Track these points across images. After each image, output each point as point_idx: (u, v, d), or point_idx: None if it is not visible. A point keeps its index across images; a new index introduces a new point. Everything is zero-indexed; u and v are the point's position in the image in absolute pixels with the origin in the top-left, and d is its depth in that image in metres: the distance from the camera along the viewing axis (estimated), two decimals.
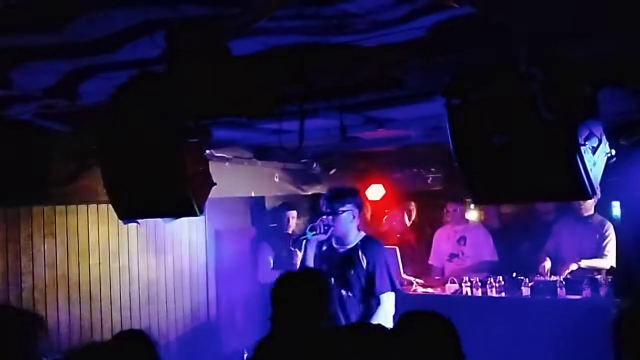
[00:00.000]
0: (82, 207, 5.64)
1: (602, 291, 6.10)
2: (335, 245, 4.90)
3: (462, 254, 7.32)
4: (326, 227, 4.69)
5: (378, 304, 4.62)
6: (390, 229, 8.35)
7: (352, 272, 4.52)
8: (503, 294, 6.52)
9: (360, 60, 3.47)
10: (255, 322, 7.13)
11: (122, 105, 3.58)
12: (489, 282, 6.59)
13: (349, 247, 4.72)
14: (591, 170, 3.36)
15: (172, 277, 6.64)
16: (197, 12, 2.55)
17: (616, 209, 7.32)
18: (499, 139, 3.43)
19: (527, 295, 6.35)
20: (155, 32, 2.52)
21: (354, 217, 4.73)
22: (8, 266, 5.13)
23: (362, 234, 4.82)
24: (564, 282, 6.22)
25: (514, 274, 6.67)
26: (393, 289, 4.71)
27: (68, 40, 2.85)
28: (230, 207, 7.19)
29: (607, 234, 6.69)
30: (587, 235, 6.76)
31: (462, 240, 7.33)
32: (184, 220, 5.57)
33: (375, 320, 4.41)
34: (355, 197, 4.81)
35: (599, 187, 3.45)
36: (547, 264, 6.78)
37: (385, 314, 4.58)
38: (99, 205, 5.70)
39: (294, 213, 7.64)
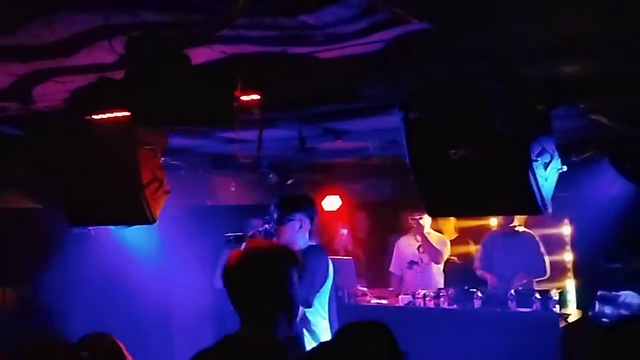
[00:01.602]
0: (33, 211, 5.52)
1: (552, 304, 6.21)
2: None
3: (422, 261, 7.39)
4: (267, 235, 4.45)
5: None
6: (344, 240, 8.38)
7: None
8: (455, 306, 6.60)
9: (318, 72, 3.48)
10: (209, 328, 7.10)
11: (78, 110, 3.53)
12: (441, 293, 6.67)
13: None
14: (543, 185, 3.44)
15: (123, 285, 6.54)
16: (156, 19, 2.53)
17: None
18: (454, 153, 3.48)
19: (478, 308, 6.44)
20: (113, 38, 2.50)
21: (301, 226, 4.41)
22: None
23: (310, 242, 4.53)
24: (514, 295, 6.31)
25: (466, 287, 6.77)
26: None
27: (23, 42, 2.80)
28: (185, 216, 7.12)
29: (542, 249, 6.92)
30: (520, 249, 6.94)
31: (421, 247, 7.39)
32: (137, 227, 5.48)
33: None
34: (306, 205, 4.52)
35: (550, 202, 3.52)
36: (493, 277, 6.95)
37: None
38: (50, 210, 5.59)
39: (258, 222, 7.58)
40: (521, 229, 7.05)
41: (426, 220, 7.22)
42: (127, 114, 2.93)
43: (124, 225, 4.60)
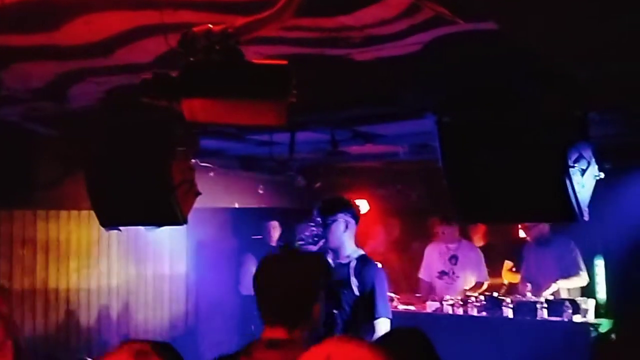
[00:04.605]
0: (64, 213, 5.56)
1: (583, 314, 6.11)
2: (330, 260, 4.65)
3: (453, 272, 7.26)
4: (315, 239, 4.50)
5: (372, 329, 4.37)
6: (374, 247, 8.30)
7: (345, 291, 4.33)
8: (484, 314, 6.51)
9: (353, 74, 3.46)
10: (235, 334, 7.10)
11: (112, 110, 3.54)
12: (470, 300, 6.58)
13: (345, 262, 4.54)
14: (579, 192, 3.38)
15: (152, 286, 6.56)
16: (194, 18, 2.53)
17: None
18: (488, 158, 3.43)
19: (508, 316, 6.35)
20: (151, 37, 2.50)
21: (346, 227, 4.44)
22: None
23: (360, 251, 4.58)
24: (545, 304, 6.22)
25: (495, 294, 6.69)
26: (389, 315, 4.47)
27: (62, 42, 2.81)
28: (212, 218, 7.14)
29: (575, 252, 6.73)
30: (553, 255, 6.79)
31: (453, 259, 7.27)
32: (166, 229, 5.50)
33: None
34: (347, 206, 4.58)
35: (586, 209, 3.46)
36: (528, 285, 6.81)
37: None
38: (80, 212, 5.63)
39: (275, 223, 7.59)
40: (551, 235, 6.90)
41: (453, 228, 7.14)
42: (164, 111, 2.92)
43: (155, 226, 4.61)
